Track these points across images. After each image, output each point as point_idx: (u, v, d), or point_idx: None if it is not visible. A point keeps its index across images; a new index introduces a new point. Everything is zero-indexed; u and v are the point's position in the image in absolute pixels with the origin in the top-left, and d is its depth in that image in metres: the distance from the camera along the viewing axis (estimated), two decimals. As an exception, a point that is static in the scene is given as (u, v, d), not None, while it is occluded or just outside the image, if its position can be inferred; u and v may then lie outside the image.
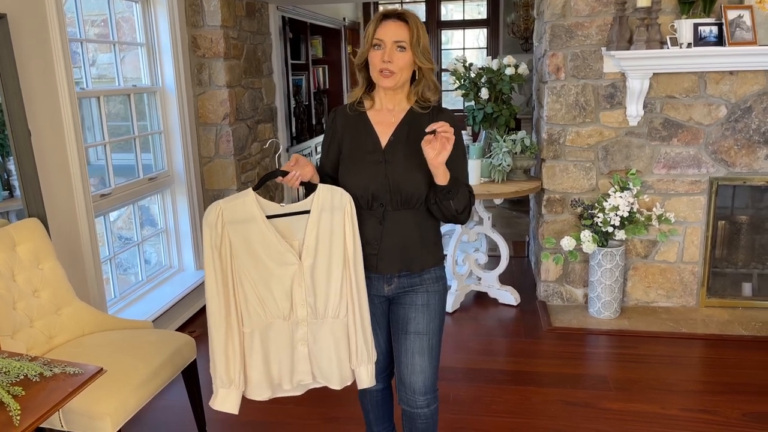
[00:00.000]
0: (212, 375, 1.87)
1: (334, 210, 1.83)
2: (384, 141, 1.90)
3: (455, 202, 1.83)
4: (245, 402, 3.01)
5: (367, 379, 1.93)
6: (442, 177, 1.79)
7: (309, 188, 1.87)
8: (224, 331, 1.83)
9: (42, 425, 1.62)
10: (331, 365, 1.90)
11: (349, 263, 1.85)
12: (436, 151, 1.73)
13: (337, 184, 1.91)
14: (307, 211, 1.84)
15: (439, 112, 1.92)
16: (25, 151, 2.53)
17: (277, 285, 1.84)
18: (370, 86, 1.95)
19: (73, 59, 3.00)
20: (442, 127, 1.72)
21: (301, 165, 1.85)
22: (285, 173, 1.83)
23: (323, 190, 1.84)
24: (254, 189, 1.83)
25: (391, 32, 1.80)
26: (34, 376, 1.68)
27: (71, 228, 2.94)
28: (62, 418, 2.06)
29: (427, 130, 1.74)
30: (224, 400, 1.88)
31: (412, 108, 1.92)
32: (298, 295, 1.84)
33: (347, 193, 1.85)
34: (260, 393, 1.91)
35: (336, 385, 1.93)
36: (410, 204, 1.88)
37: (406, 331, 1.96)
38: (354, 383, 1.97)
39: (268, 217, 1.82)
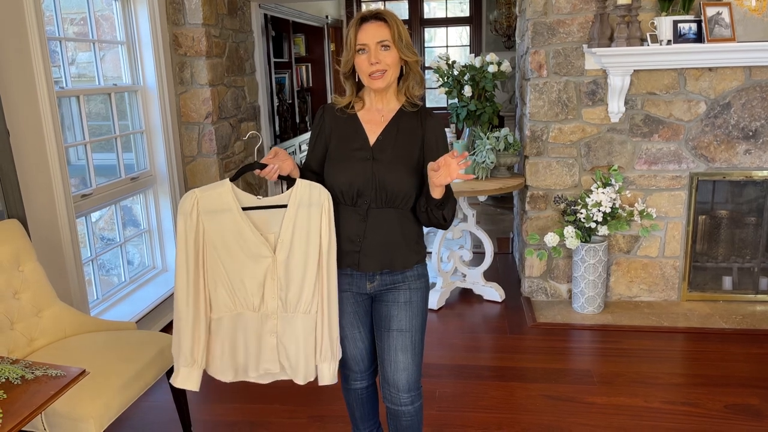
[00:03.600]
0: (174, 354, 1.91)
1: (311, 206, 1.83)
2: (372, 139, 1.91)
3: (446, 211, 1.87)
4: (230, 402, 3.00)
5: (328, 376, 1.94)
6: (438, 193, 1.80)
7: (291, 183, 1.87)
8: (192, 314, 1.85)
9: (24, 428, 1.60)
10: (297, 359, 1.92)
11: (322, 260, 1.86)
12: (441, 178, 1.73)
13: (322, 181, 1.91)
14: (285, 206, 1.83)
15: (428, 115, 1.95)
16: (4, 151, 2.49)
17: (250, 276, 1.85)
18: (358, 89, 1.96)
19: (51, 58, 2.96)
20: (455, 160, 1.71)
21: (281, 158, 1.85)
22: (263, 166, 1.82)
23: (301, 185, 1.84)
24: (231, 180, 1.83)
25: (373, 34, 1.80)
26: (16, 378, 1.66)
27: (52, 229, 2.91)
28: (45, 421, 2.04)
29: (432, 166, 1.74)
30: (186, 378, 1.91)
31: (402, 108, 1.93)
32: (270, 288, 1.85)
33: (326, 190, 1.85)
34: (223, 374, 1.93)
35: (300, 380, 1.94)
36: (395, 203, 1.88)
37: (388, 329, 1.96)
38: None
39: (244, 209, 1.82)
